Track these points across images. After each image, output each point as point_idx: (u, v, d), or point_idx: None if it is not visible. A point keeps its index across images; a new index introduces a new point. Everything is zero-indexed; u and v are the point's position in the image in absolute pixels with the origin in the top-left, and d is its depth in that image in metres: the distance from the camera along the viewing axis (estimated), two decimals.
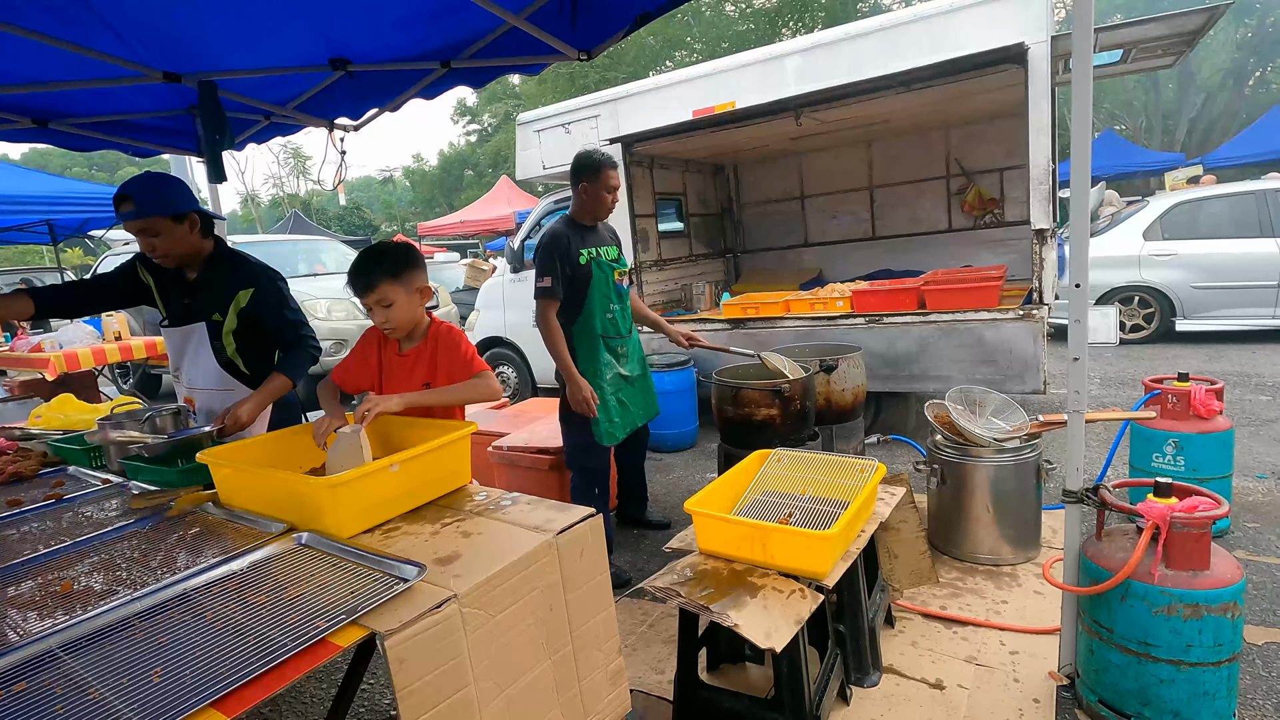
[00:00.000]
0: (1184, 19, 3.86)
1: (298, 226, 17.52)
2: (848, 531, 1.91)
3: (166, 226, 2.19)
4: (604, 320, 3.14)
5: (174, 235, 2.21)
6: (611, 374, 3.16)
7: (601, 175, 3.07)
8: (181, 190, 2.27)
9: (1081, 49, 1.87)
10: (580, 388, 3.00)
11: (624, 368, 3.24)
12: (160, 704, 0.97)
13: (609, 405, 3.12)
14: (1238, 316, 6.93)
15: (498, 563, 1.35)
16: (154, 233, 2.18)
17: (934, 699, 2.14)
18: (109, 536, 1.61)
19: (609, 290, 3.16)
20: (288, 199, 36.84)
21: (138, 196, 2.14)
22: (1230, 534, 3.11)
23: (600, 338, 3.13)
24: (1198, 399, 3.00)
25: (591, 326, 3.11)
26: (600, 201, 3.12)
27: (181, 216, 2.21)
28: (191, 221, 2.25)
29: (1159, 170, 14.45)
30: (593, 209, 3.14)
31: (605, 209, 3.16)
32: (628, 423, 3.23)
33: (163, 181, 2.25)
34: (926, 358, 4.33)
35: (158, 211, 2.16)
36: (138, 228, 2.18)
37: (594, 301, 3.10)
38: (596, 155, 3.09)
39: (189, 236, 2.25)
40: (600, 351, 3.13)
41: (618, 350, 3.22)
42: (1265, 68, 21.61)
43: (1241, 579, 1.82)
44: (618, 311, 3.21)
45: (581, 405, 3.02)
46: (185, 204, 2.23)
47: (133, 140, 3.39)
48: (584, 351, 3.11)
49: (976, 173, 6.21)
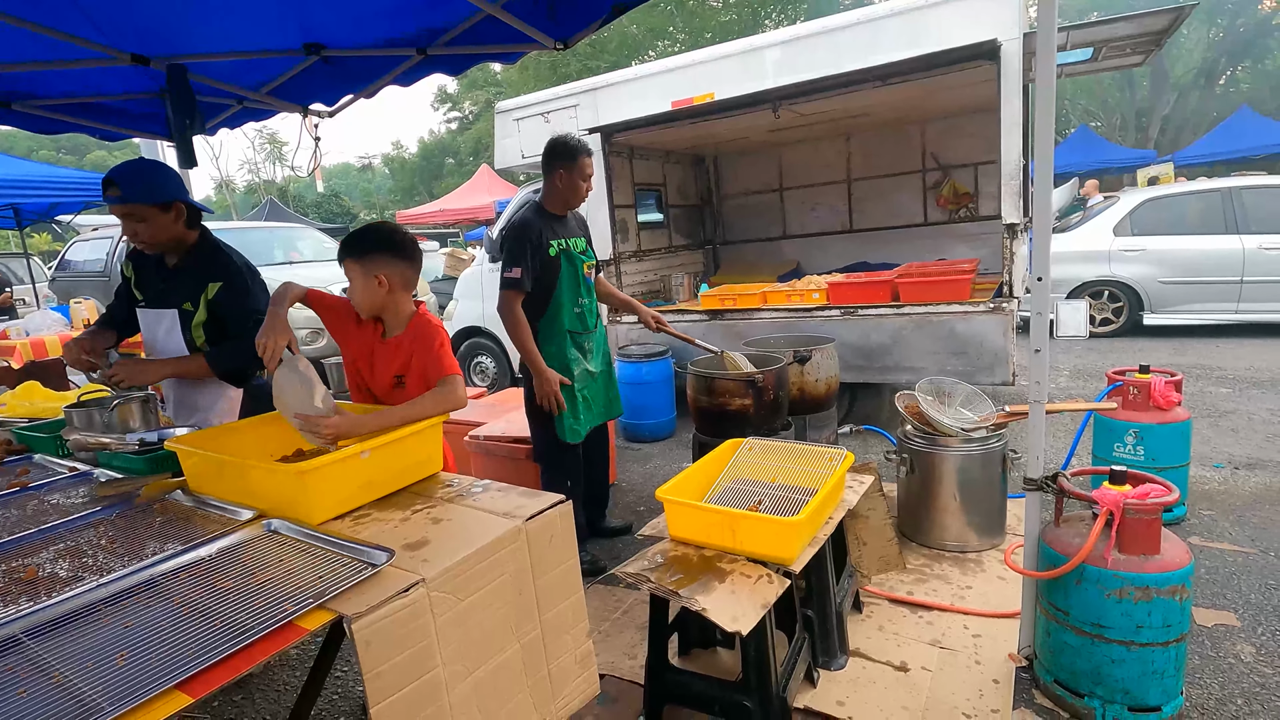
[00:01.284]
0: (1151, 19, 3.94)
1: (274, 214, 17.23)
2: (815, 518, 1.96)
3: (151, 213, 2.19)
4: (572, 315, 3.08)
5: (158, 223, 2.22)
6: (579, 370, 3.10)
7: (578, 162, 2.98)
8: (170, 178, 2.28)
9: (1045, 47, 1.92)
10: (548, 381, 2.94)
11: (590, 363, 3.18)
12: (125, 686, 0.97)
13: (575, 402, 3.07)
14: (1202, 311, 7.11)
15: (467, 548, 1.37)
16: (138, 218, 2.19)
17: (898, 681, 2.20)
18: (75, 524, 1.60)
19: (579, 284, 3.09)
20: (263, 185, 36.21)
21: (124, 182, 2.15)
22: (1186, 521, 3.21)
23: (568, 333, 3.07)
24: (1157, 390, 3.09)
25: (559, 321, 3.05)
26: (575, 190, 3.03)
27: (168, 205, 2.21)
28: (178, 211, 2.25)
29: (1132, 167, 14.72)
30: (566, 197, 3.05)
31: (579, 197, 3.07)
32: (590, 419, 3.17)
33: (152, 169, 2.26)
34: (900, 349, 4.40)
35: (142, 199, 2.17)
36: (122, 212, 2.19)
37: (563, 295, 3.03)
38: (573, 141, 3.00)
39: (173, 225, 2.25)
40: (568, 347, 3.07)
41: (584, 346, 3.16)
42: (1236, 67, 22.04)
43: (1190, 562, 1.90)
44: (586, 305, 3.13)
45: (547, 400, 2.96)
46: (172, 193, 2.23)
47: (100, 123, 3.32)
48: (551, 347, 3.04)
49: (952, 167, 6.30)
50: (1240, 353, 6.38)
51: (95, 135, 3.47)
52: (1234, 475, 3.70)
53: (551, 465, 3.18)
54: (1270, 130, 14.32)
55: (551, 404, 2.97)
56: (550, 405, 2.97)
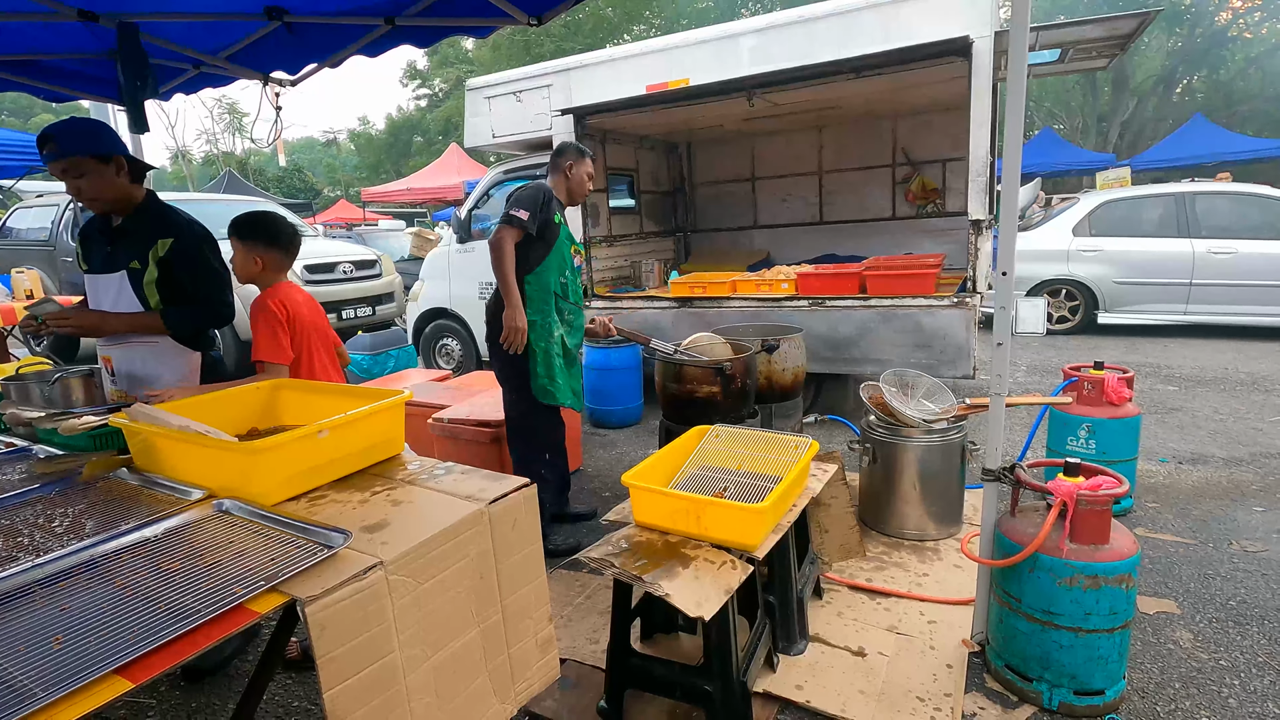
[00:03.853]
0: (1118, 22, 4.03)
1: (232, 186, 16.66)
2: (779, 506, 1.97)
3: (92, 167, 2.12)
4: (558, 280, 3.17)
5: (100, 177, 2.15)
6: (557, 333, 3.17)
7: (585, 161, 3.23)
8: (107, 132, 2.20)
9: (1018, 45, 1.93)
10: (520, 314, 2.96)
11: (568, 336, 3.24)
12: (61, 670, 0.92)
13: (552, 363, 3.11)
14: (1153, 311, 7.36)
15: (427, 530, 1.34)
16: (78, 173, 2.12)
17: (855, 665, 2.24)
18: (11, 502, 1.53)
19: (566, 259, 3.22)
20: (222, 157, 34.97)
21: (61, 137, 2.08)
22: (1133, 513, 3.33)
23: (553, 294, 3.15)
24: (1110, 387, 3.19)
25: (546, 281, 3.12)
26: (582, 185, 3.24)
27: (107, 158, 2.14)
28: (118, 164, 2.17)
29: (1092, 169, 15.12)
30: (572, 189, 3.24)
31: (584, 192, 3.28)
32: (562, 390, 3.16)
33: (89, 124, 2.19)
34: (866, 341, 4.46)
35: (81, 149, 2.10)
36: (61, 168, 2.11)
37: (553, 261, 3.13)
38: (583, 146, 3.29)
39: (116, 180, 2.18)
40: (552, 307, 3.14)
41: (564, 315, 3.22)
42: (1193, 76, 22.75)
43: (1137, 553, 1.96)
44: (570, 280, 3.24)
45: (514, 333, 2.95)
46: (110, 146, 2.16)
47: (45, 83, 3.15)
48: (535, 303, 3.09)
49: (922, 162, 6.38)
50: (1187, 353, 6.63)
51: (40, 96, 3.29)
52: (1178, 469, 3.85)
53: (524, 435, 3.20)
54: (1222, 139, 14.86)
55: (517, 336, 2.96)
56: (515, 337, 2.96)
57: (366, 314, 7.87)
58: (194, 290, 2.26)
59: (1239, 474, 3.75)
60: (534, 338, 3.07)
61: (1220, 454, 4.05)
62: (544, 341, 3.10)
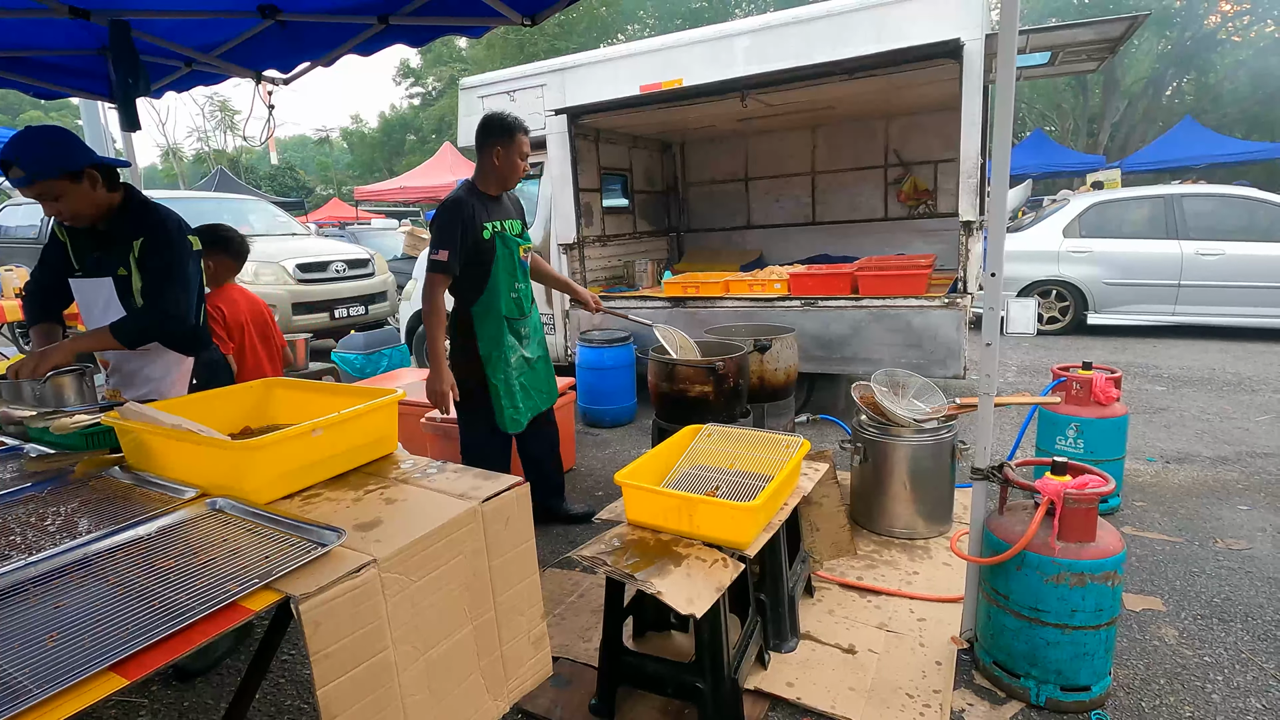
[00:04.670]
0: (1108, 25, 4.07)
1: (224, 184, 16.56)
2: (770, 504, 1.98)
3: (64, 188, 2.01)
4: (509, 301, 2.97)
5: (75, 194, 2.04)
6: (515, 357, 3.01)
7: (516, 139, 2.85)
8: (71, 144, 2.07)
9: (1006, 47, 1.96)
10: (441, 379, 2.81)
11: (526, 350, 3.09)
12: (55, 668, 0.93)
13: (514, 391, 3.00)
14: (1142, 312, 7.43)
15: (420, 529, 1.34)
16: (52, 196, 2.01)
17: (845, 662, 2.26)
18: (2, 500, 1.53)
19: (514, 268, 2.98)
20: (213, 155, 34.76)
21: (24, 159, 1.95)
22: (1120, 511, 3.37)
23: (505, 319, 2.96)
24: (1098, 386, 3.22)
25: (495, 307, 2.93)
26: (514, 168, 2.90)
27: (78, 175, 2.03)
28: (91, 177, 2.06)
29: (1083, 171, 15.24)
30: (502, 176, 2.92)
31: (516, 176, 2.95)
32: (530, 408, 3.10)
33: (48, 137, 2.05)
34: (857, 341, 4.49)
35: (50, 173, 1.98)
36: (34, 193, 2.01)
37: (499, 280, 2.91)
38: (509, 117, 2.87)
39: (92, 193, 2.08)
40: (505, 334, 2.96)
41: (521, 332, 3.07)
42: (1182, 79, 22.95)
43: (1122, 550, 1.99)
44: (522, 291, 3.04)
45: (435, 397, 2.83)
46: (79, 159, 2.03)
47: (36, 80, 3.14)
48: (488, 334, 2.94)
49: (913, 163, 6.42)
50: (1175, 353, 6.69)
51: (30, 92, 3.27)
52: (1165, 468, 3.89)
53: (476, 459, 3.02)
54: (1210, 141, 15.00)
55: (441, 401, 2.85)
56: (440, 403, 2.85)
57: (359, 313, 7.86)
58: (146, 292, 2.15)
59: (1224, 473, 3.80)
60: (490, 373, 2.95)
61: (1206, 453, 4.10)
62: (501, 373, 2.96)
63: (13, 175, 1.97)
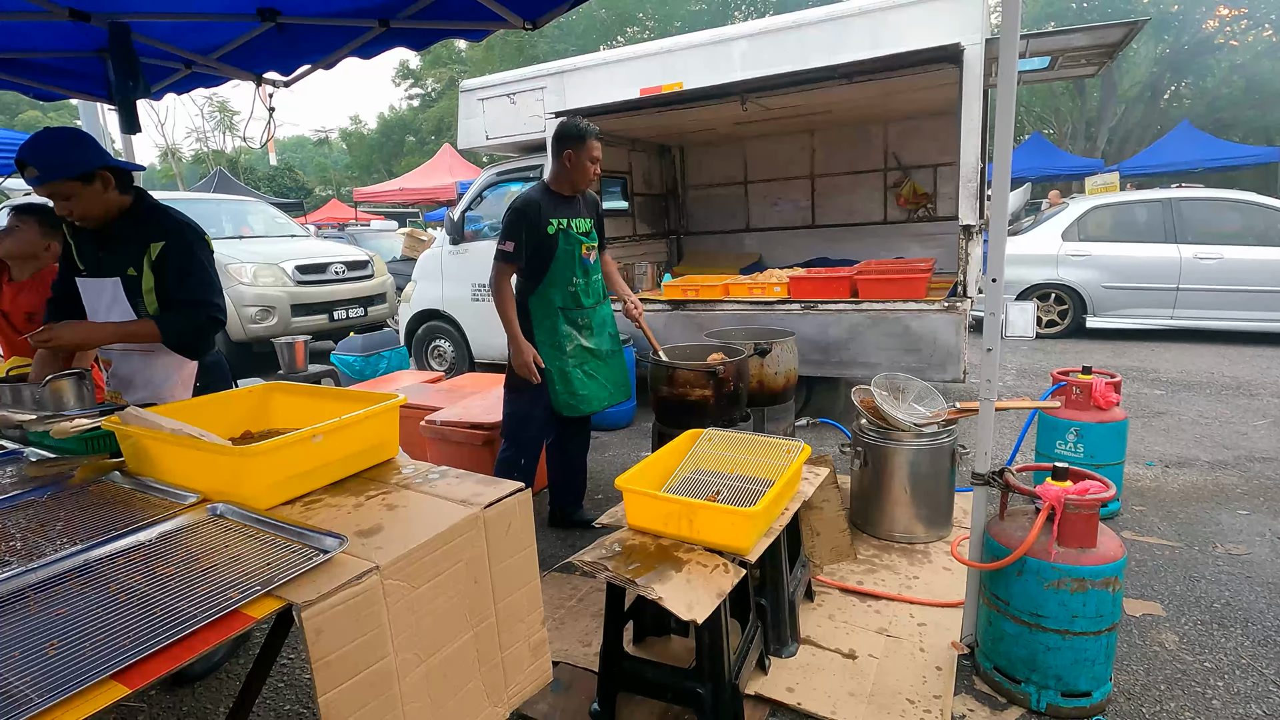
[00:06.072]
0: (1106, 31, 4.08)
1: (223, 185, 16.54)
2: (771, 509, 1.98)
3: (76, 189, 2.05)
4: (565, 293, 3.11)
5: (87, 196, 2.08)
6: (573, 345, 3.14)
7: (587, 144, 3.04)
8: (86, 146, 2.11)
9: (1007, 52, 1.96)
10: (522, 351, 3.01)
11: (587, 340, 3.19)
12: (56, 677, 0.93)
13: (570, 376, 3.11)
14: (1140, 316, 7.44)
15: (422, 535, 1.34)
16: (65, 196, 2.06)
17: (846, 668, 2.25)
18: (2, 505, 1.52)
19: (574, 264, 3.11)
20: (213, 156, 34.74)
21: (38, 160, 2.00)
22: (1120, 516, 3.37)
23: (560, 310, 3.11)
24: (1098, 391, 3.23)
25: (550, 299, 3.09)
26: (583, 171, 3.07)
27: (90, 176, 2.07)
28: (104, 179, 2.10)
29: (1081, 174, 15.26)
30: (573, 178, 3.09)
31: (587, 179, 3.12)
32: (595, 397, 3.20)
33: (64, 139, 2.08)
34: (856, 344, 4.49)
35: (63, 174, 2.03)
36: (47, 193, 2.06)
37: (556, 274, 3.07)
38: (582, 124, 3.06)
39: (103, 195, 2.12)
40: (560, 323, 3.11)
41: (579, 322, 3.18)
42: (1179, 83, 23.01)
43: (1123, 556, 1.99)
44: (581, 285, 3.15)
45: (523, 369, 3.02)
46: (92, 161, 2.08)
47: (35, 81, 3.13)
48: (542, 323, 3.10)
49: (912, 167, 6.43)
50: (1173, 357, 6.71)
51: (29, 94, 3.27)
52: (1164, 473, 3.90)
53: (513, 439, 3.19)
54: (1208, 145, 15.03)
55: (528, 373, 3.02)
56: (526, 374, 3.03)
57: (358, 315, 7.85)
58: (184, 294, 2.20)
59: (1224, 477, 3.80)
60: (545, 359, 3.08)
61: (1206, 458, 4.10)
62: (557, 360, 3.10)
63: (27, 175, 2.02)
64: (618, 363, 3.35)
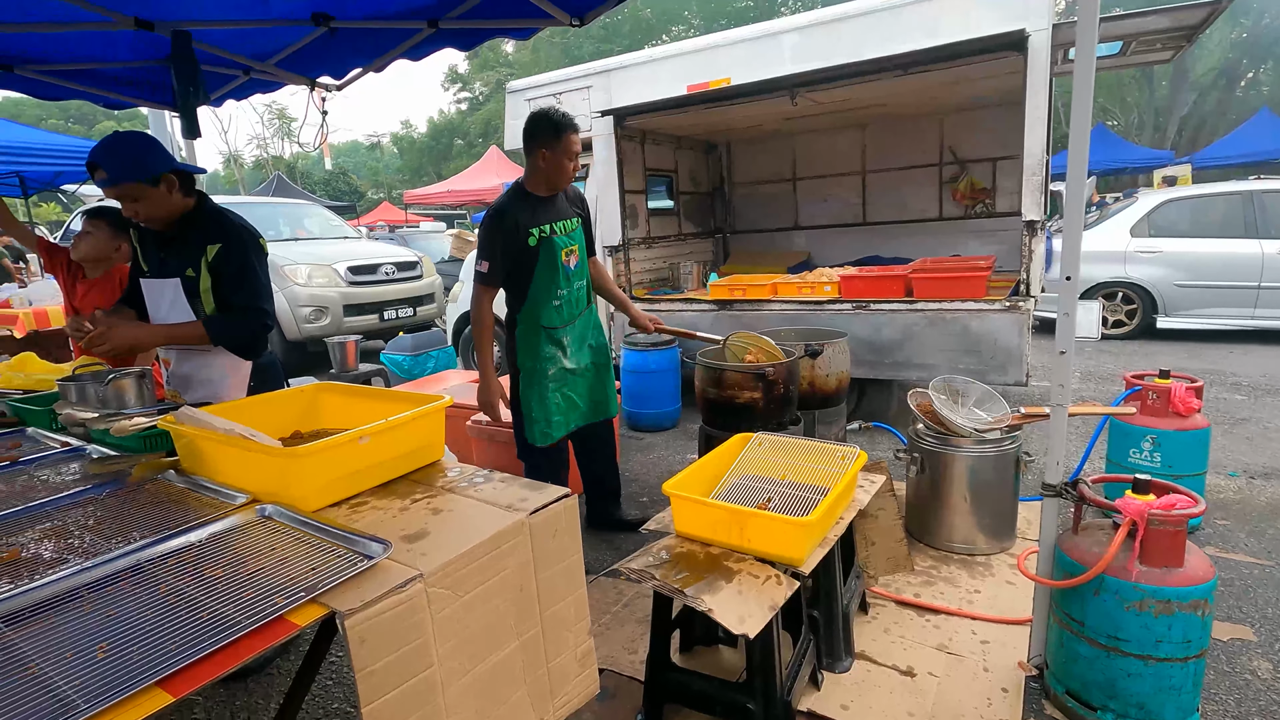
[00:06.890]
0: (1186, 12, 3.82)
1: (281, 189, 17.13)
2: (826, 519, 1.90)
3: (143, 191, 2.13)
4: (550, 310, 2.87)
5: (153, 198, 2.15)
6: (555, 369, 2.93)
7: (563, 139, 2.68)
8: (153, 150, 2.18)
9: (1086, 39, 1.83)
10: (490, 390, 2.88)
11: (568, 359, 2.96)
12: (103, 682, 0.92)
13: (547, 402, 2.91)
14: (1218, 316, 7.00)
15: (467, 541, 1.31)
16: (132, 198, 2.13)
17: (904, 686, 2.15)
18: (63, 502, 1.55)
19: (557, 275, 2.84)
20: (272, 161, 36.04)
21: (108, 162, 2.08)
22: (1202, 530, 3.15)
23: (543, 329, 2.88)
24: (1178, 397, 3.01)
25: (535, 317, 2.87)
26: (561, 170, 2.75)
27: (157, 179, 2.14)
28: (169, 182, 2.17)
29: (1149, 167, 14.54)
30: (551, 178, 2.78)
31: (566, 177, 2.80)
32: (573, 420, 3.02)
33: (133, 143, 2.15)
34: (911, 346, 4.32)
35: (131, 177, 2.10)
36: (115, 194, 2.13)
37: (539, 290, 2.84)
38: (556, 115, 2.71)
39: (169, 198, 2.19)
40: (542, 345, 2.89)
41: (562, 341, 2.94)
42: (1258, 69, 21.70)
43: (1213, 577, 1.83)
44: (565, 296, 2.90)
45: (486, 408, 2.91)
46: (159, 165, 2.15)
47: (104, 90, 3.25)
48: (526, 344, 2.91)
49: (970, 161, 6.18)
50: (1255, 359, 6.28)
51: (99, 103, 3.40)
52: (1250, 484, 3.63)
53: (528, 462, 3.04)
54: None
55: (490, 411, 2.93)
56: (489, 412, 2.94)
57: (408, 314, 7.99)
58: (235, 297, 2.25)
59: None
60: (524, 386, 2.92)
61: None
62: (537, 387, 2.90)
63: (98, 177, 2.10)
64: (599, 378, 3.12)
